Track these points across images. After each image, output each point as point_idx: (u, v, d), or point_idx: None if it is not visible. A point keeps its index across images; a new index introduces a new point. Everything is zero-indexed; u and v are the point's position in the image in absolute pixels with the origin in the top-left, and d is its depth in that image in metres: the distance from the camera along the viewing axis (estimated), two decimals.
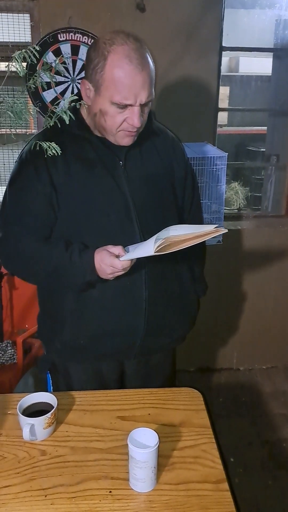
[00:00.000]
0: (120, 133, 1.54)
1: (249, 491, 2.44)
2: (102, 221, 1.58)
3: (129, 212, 1.59)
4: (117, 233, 1.59)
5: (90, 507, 1.19)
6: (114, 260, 1.45)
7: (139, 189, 1.62)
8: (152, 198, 1.65)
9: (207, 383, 3.34)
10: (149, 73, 1.47)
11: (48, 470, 1.30)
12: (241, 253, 3.23)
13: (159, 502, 1.20)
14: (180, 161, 1.78)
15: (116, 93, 1.45)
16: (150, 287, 1.65)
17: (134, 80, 1.44)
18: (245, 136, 5.21)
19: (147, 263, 1.61)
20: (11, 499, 1.21)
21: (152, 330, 1.69)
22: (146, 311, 1.66)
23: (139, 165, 1.64)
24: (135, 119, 1.49)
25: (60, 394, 1.54)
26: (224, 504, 1.21)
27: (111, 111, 1.49)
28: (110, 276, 1.50)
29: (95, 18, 2.69)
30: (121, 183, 1.59)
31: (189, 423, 1.48)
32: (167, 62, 2.81)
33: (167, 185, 1.72)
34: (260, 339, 3.48)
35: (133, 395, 1.60)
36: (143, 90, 1.46)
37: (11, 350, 2.74)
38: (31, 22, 2.68)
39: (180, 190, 1.79)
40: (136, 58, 1.43)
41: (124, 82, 1.44)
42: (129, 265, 1.46)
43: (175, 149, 1.77)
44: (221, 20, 2.86)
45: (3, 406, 1.54)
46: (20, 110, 1.15)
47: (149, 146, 1.68)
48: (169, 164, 1.73)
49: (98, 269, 1.50)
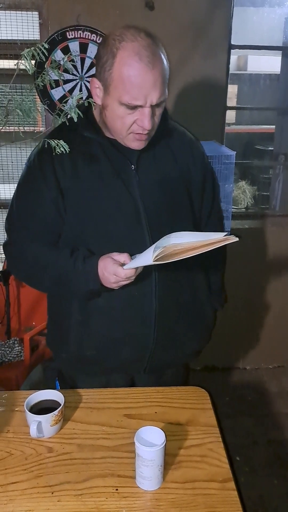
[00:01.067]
0: (130, 136, 1.45)
1: (254, 490, 2.44)
2: (110, 227, 1.51)
3: (139, 218, 1.51)
4: (125, 240, 1.51)
5: (97, 505, 1.19)
6: (118, 268, 1.37)
7: (151, 194, 1.54)
8: (165, 203, 1.56)
9: (213, 382, 3.34)
10: (161, 71, 1.37)
11: (55, 467, 1.30)
12: (248, 252, 3.22)
13: (166, 501, 1.21)
14: (198, 163, 1.66)
15: (125, 93, 1.36)
16: (161, 297, 1.57)
17: (144, 79, 1.34)
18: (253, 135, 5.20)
19: (157, 272, 1.54)
20: (18, 495, 1.21)
21: (162, 343, 1.62)
22: (156, 323, 1.58)
23: (152, 168, 1.55)
24: (146, 121, 1.39)
25: (67, 392, 1.54)
26: (230, 503, 1.20)
27: (120, 112, 1.41)
28: (114, 285, 1.42)
29: (103, 16, 2.69)
30: (131, 187, 1.52)
31: (195, 422, 1.48)
32: (176, 60, 2.80)
33: (182, 189, 1.61)
34: (267, 339, 3.47)
35: (140, 394, 1.60)
36: (154, 90, 1.36)
37: (18, 348, 2.75)
38: (39, 20, 2.69)
39: (197, 195, 1.67)
40: (146, 56, 1.34)
41: (133, 81, 1.35)
42: (134, 274, 1.38)
43: (193, 150, 1.66)
44: (230, 18, 2.86)
45: (11, 403, 1.54)
46: (28, 108, 1.15)
47: (163, 148, 1.59)
48: (186, 167, 1.62)
49: (102, 278, 1.43)
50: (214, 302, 1.83)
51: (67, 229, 1.54)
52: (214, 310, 1.82)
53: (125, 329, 1.58)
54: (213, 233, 1.27)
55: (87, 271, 1.45)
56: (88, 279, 1.45)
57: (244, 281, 3.30)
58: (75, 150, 1.47)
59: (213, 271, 1.81)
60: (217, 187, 1.80)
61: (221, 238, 1.23)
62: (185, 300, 1.66)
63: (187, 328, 1.69)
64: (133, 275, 1.38)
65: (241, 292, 3.33)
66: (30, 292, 2.92)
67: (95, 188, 1.50)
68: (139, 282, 1.47)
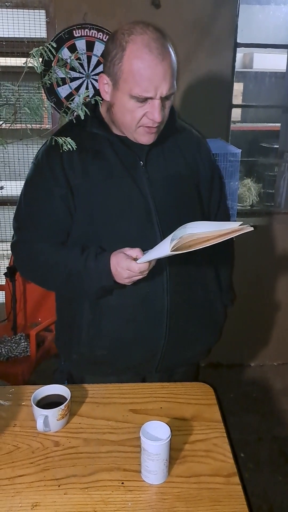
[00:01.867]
0: (140, 129, 1.45)
1: (259, 486, 2.46)
2: (121, 225, 1.51)
3: (150, 215, 1.51)
4: (137, 237, 1.49)
5: (103, 498, 1.20)
6: (131, 263, 1.35)
7: (161, 191, 1.53)
8: (175, 200, 1.56)
9: (218, 378, 3.35)
10: (170, 63, 1.37)
11: (61, 461, 1.32)
12: (253, 249, 3.23)
13: (171, 494, 1.22)
14: (206, 161, 1.67)
15: (135, 85, 1.36)
16: (173, 295, 1.56)
17: (155, 71, 1.35)
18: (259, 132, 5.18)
19: (169, 269, 1.54)
20: (25, 488, 1.23)
21: (174, 342, 1.61)
22: (168, 322, 1.57)
23: (161, 166, 1.55)
24: (156, 113, 1.39)
25: (73, 387, 1.56)
26: (235, 497, 1.22)
27: (130, 105, 1.40)
28: (127, 280, 1.41)
29: (110, 14, 2.70)
30: (141, 184, 1.51)
31: (200, 417, 1.49)
32: (182, 58, 2.81)
33: (191, 186, 1.62)
34: (272, 336, 3.48)
35: (146, 389, 1.61)
36: (164, 81, 1.37)
37: (24, 343, 2.77)
38: (46, 18, 2.70)
39: (205, 192, 1.68)
40: (156, 48, 1.34)
41: (143, 73, 1.35)
42: (147, 268, 1.37)
43: (200, 148, 1.67)
44: (236, 16, 2.86)
45: (18, 397, 1.56)
46: (36, 106, 1.16)
47: (172, 145, 1.59)
48: (194, 164, 1.63)
49: (115, 273, 1.42)
50: (224, 299, 1.82)
51: (77, 227, 1.53)
52: (224, 307, 1.81)
53: (137, 329, 1.58)
54: (228, 222, 1.25)
55: (100, 267, 1.44)
56: (101, 275, 1.44)
57: (249, 278, 3.31)
58: (84, 147, 1.47)
59: (222, 268, 1.81)
60: (223, 184, 1.80)
61: (236, 227, 1.21)
62: (196, 298, 1.65)
63: (198, 326, 1.68)
64: (146, 270, 1.37)
65: (246, 289, 3.33)
66: (36, 288, 2.92)
67: (105, 185, 1.50)
68: (150, 279, 1.47)
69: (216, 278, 1.75)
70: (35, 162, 1.57)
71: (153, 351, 1.62)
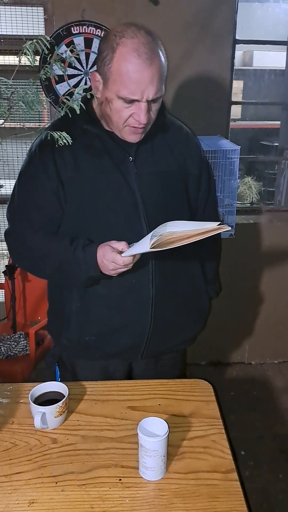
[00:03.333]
0: (126, 128, 1.50)
1: (259, 484, 2.45)
2: (109, 217, 1.55)
3: (137, 208, 1.56)
4: (124, 230, 1.55)
5: (100, 494, 1.20)
6: (116, 255, 1.41)
7: (149, 185, 1.58)
8: (162, 195, 1.60)
9: (218, 377, 3.35)
10: (158, 68, 1.41)
11: (59, 458, 1.31)
12: (253, 247, 3.22)
13: (168, 491, 1.21)
14: (194, 157, 1.71)
15: (122, 87, 1.41)
16: (158, 286, 1.61)
17: (142, 75, 1.39)
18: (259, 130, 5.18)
19: (155, 261, 1.59)
20: (22, 485, 1.22)
21: (159, 330, 1.66)
22: (153, 311, 1.63)
23: (149, 161, 1.59)
24: (141, 115, 1.44)
25: (71, 384, 1.55)
26: (233, 493, 1.21)
27: (118, 106, 1.45)
28: (113, 272, 1.47)
29: (108, 11, 2.69)
30: (129, 178, 1.56)
31: (199, 413, 1.49)
32: (180, 55, 2.81)
33: (179, 181, 1.66)
34: (272, 334, 3.47)
35: (144, 386, 1.61)
36: (151, 85, 1.41)
37: (23, 342, 2.77)
38: (44, 15, 2.69)
39: (193, 187, 1.71)
40: (145, 52, 1.38)
41: (131, 76, 1.39)
42: (131, 262, 1.42)
43: (189, 144, 1.71)
44: (235, 13, 2.85)
45: (15, 395, 1.56)
46: (31, 100, 1.15)
47: (160, 141, 1.63)
48: (182, 160, 1.66)
49: (101, 265, 1.47)
50: (210, 291, 1.87)
51: (67, 218, 1.58)
52: (209, 298, 1.87)
53: (123, 316, 1.63)
54: (207, 222, 1.32)
55: (87, 258, 1.49)
56: (88, 266, 1.50)
57: (249, 276, 3.30)
58: (75, 142, 1.48)
59: (208, 261, 1.86)
60: (212, 179, 1.84)
61: (214, 227, 1.28)
62: (182, 289, 1.71)
63: (183, 316, 1.74)
64: (130, 263, 1.43)
65: (247, 287, 3.33)
66: (36, 287, 2.94)
67: (95, 179, 1.54)
68: (137, 270, 1.52)
69: (202, 271, 1.81)
70: (29, 155, 1.61)
71: (139, 338, 1.67)
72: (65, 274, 1.58)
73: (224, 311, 3.28)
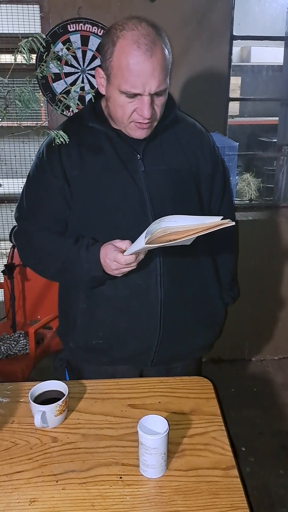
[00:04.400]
0: (131, 124, 1.47)
1: (260, 480, 2.45)
2: (116, 217, 1.53)
3: (145, 207, 1.52)
4: (130, 229, 1.49)
5: (101, 492, 1.20)
6: (118, 254, 1.37)
7: (157, 184, 1.54)
8: (171, 193, 1.56)
9: (219, 373, 3.35)
10: (160, 60, 1.37)
11: (60, 457, 1.31)
12: (253, 243, 3.22)
13: (169, 488, 1.21)
14: (207, 155, 1.66)
15: (123, 81, 1.38)
16: (167, 288, 1.57)
17: (142, 67, 1.35)
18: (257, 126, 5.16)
19: (162, 262, 1.55)
20: (23, 484, 1.22)
21: (169, 335, 1.62)
22: (162, 314, 1.59)
23: (158, 159, 1.56)
24: (145, 109, 1.40)
25: (71, 383, 1.55)
26: (233, 490, 1.21)
27: (121, 101, 1.42)
28: (116, 272, 1.43)
29: (105, 8, 2.68)
30: (137, 177, 1.53)
31: (199, 411, 1.48)
32: (178, 51, 2.80)
33: (189, 181, 1.61)
34: (272, 330, 3.48)
35: (144, 384, 1.61)
36: (153, 78, 1.36)
37: (23, 341, 2.77)
38: (40, 13, 2.68)
39: (206, 186, 1.67)
40: (145, 44, 1.34)
41: (131, 69, 1.36)
42: (134, 261, 1.37)
43: (202, 142, 1.66)
44: (232, 8, 2.84)
45: (15, 394, 1.56)
46: (27, 99, 1.15)
47: (171, 139, 1.59)
48: (194, 159, 1.62)
49: (104, 265, 1.44)
50: (225, 296, 1.81)
51: (74, 218, 1.57)
52: (225, 304, 1.80)
53: (130, 319, 1.60)
54: (209, 217, 1.22)
55: (90, 258, 1.47)
56: (91, 266, 1.48)
57: (249, 273, 3.30)
58: (82, 141, 1.50)
59: (223, 263, 1.79)
60: (228, 181, 1.79)
61: (217, 222, 1.18)
62: (193, 292, 1.66)
63: (195, 321, 1.68)
64: (133, 262, 1.37)
65: (247, 283, 3.32)
66: (35, 286, 2.94)
67: (102, 178, 1.52)
68: (143, 271, 1.50)
69: (215, 274, 1.74)
70: (38, 156, 1.61)
71: (148, 343, 1.63)
72: (69, 274, 1.57)
73: None
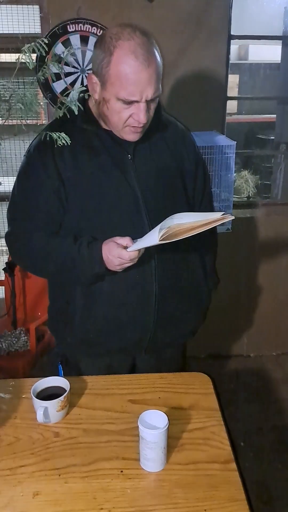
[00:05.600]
0: (126, 128, 1.52)
1: (259, 475, 2.48)
2: (111, 215, 1.58)
3: (138, 205, 1.58)
4: (126, 226, 1.57)
5: (102, 486, 1.23)
6: (122, 251, 1.44)
7: (148, 182, 1.61)
8: (161, 191, 1.64)
9: (217, 369, 3.37)
10: (155, 68, 1.44)
11: (62, 451, 1.34)
12: (251, 241, 3.25)
13: (169, 481, 1.24)
14: (190, 153, 1.74)
15: (121, 89, 1.43)
16: (160, 281, 1.64)
17: (140, 76, 1.41)
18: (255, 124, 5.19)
19: (157, 257, 1.61)
20: (26, 478, 1.25)
21: (162, 325, 1.70)
22: (156, 306, 1.66)
23: (148, 158, 1.63)
24: (141, 115, 1.47)
25: (72, 379, 1.57)
26: (232, 483, 1.24)
27: (117, 107, 1.47)
28: (118, 267, 1.50)
29: (104, 9, 2.70)
30: (129, 176, 1.59)
31: (198, 406, 1.51)
32: (176, 51, 2.82)
33: (176, 177, 1.69)
34: (270, 326, 3.50)
35: (144, 380, 1.64)
36: (149, 86, 1.43)
37: (24, 337, 2.79)
38: (40, 14, 2.69)
39: (190, 182, 1.75)
40: (142, 54, 1.40)
41: (129, 78, 1.41)
42: (137, 256, 1.46)
43: (185, 141, 1.74)
44: (230, 8, 2.86)
45: (18, 390, 1.58)
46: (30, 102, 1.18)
47: (158, 139, 1.66)
48: (179, 157, 1.70)
49: (106, 261, 1.50)
50: (209, 283, 1.90)
51: (68, 217, 1.60)
52: (209, 290, 1.90)
53: (127, 312, 1.65)
54: (211, 213, 1.37)
55: (92, 255, 1.51)
56: (94, 263, 1.52)
57: (247, 269, 3.33)
58: (74, 141, 1.52)
59: (207, 254, 1.89)
60: (207, 175, 1.87)
61: (219, 217, 1.33)
62: (183, 283, 1.74)
63: (185, 309, 1.77)
64: (136, 257, 1.46)
65: (244, 280, 3.35)
66: (35, 283, 2.96)
67: (95, 178, 1.56)
68: (140, 267, 1.55)
69: (201, 264, 1.84)
70: (27, 156, 1.63)
71: (143, 332, 1.70)
72: (69, 272, 1.60)
73: (222, 304, 3.30)
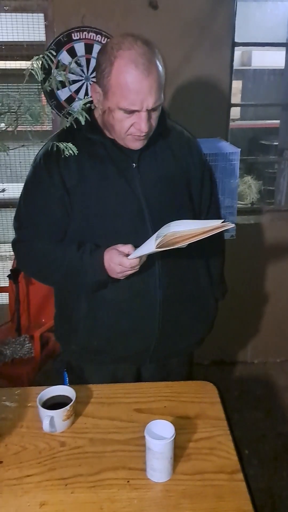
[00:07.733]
0: (129, 137, 1.53)
1: (263, 483, 2.47)
2: (115, 223, 1.59)
3: (142, 213, 1.59)
4: (130, 234, 1.58)
5: (109, 496, 1.23)
6: (123, 258, 1.46)
7: (153, 190, 1.61)
8: (166, 199, 1.64)
9: (221, 376, 3.36)
10: (156, 78, 1.44)
11: (68, 461, 1.34)
12: (254, 247, 3.24)
13: (176, 492, 1.24)
14: (196, 161, 1.74)
15: (122, 99, 1.44)
16: (165, 289, 1.64)
17: (140, 86, 1.42)
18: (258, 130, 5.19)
19: (161, 265, 1.62)
20: (33, 488, 1.25)
21: (167, 334, 1.70)
22: (160, 314, 1.66)
23: (153, 166, 1.63)
24: (142, 124, 1.48)
25: (77, 387, 1.57)
26: (239, 493, 1.24)
27: (119, 116, 1.49)
28: (120, 275, 1.51)
29: (108, 17, 2.71)
30: (133, 184, 1.59)
31: (204, 415, 1.51)
32: (180, 58, 2.82)
33: (182, 186, 1.69)
34: (274, 333, 3.49)
35: (150, 388, 1.64)
36: (150, 95, 1.44)
37: (28, 344, 2.79)
38: (45, 22, 2.71)
39: (196, 191, 1.74)
40: (142, 63, 1.41)
41: (130, 87, 1.42)
42: (138, 264, 1.47)
43: (191, 149, 1.74)
44: (234, 15, 2.87)
45: (23, 399, 1.58)
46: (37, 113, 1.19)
47: (163, 147, 1.66)
48: (185, 165, 1.70)
49: (108, 268, 1.52)
50: (216, 292, 1.89)
51: (73, 225, 1.61)
52: (216, 300, 1.88)
53: (131, 320, 1.66)
54: (210, 220, 1.38)
55: (94, 263, 1.53)
56: (96, 270, 1.54)
57: (250, 275, 3.33)
58: (80, 151, 1.53)
59: (213, 263, 1.87)
60: (214, 183, 1.87)
61: (218, 224, 1.34)
62: (188, 291, 1.73)
63: (190, 318, 1.76)
64: (137, 265, 1.48)
65: (248, 286, 3.35)
66: (40, 290, 2.96)
67: (100, 187, 1.58)
68: (144, 274, 1.56)
69: (207, 273, 1.83)
70: (34, 165, 1.64)
71: (148, 341, 1.70)
72: (73, 279, 1.62)
73: (226, 311, 3.28)
